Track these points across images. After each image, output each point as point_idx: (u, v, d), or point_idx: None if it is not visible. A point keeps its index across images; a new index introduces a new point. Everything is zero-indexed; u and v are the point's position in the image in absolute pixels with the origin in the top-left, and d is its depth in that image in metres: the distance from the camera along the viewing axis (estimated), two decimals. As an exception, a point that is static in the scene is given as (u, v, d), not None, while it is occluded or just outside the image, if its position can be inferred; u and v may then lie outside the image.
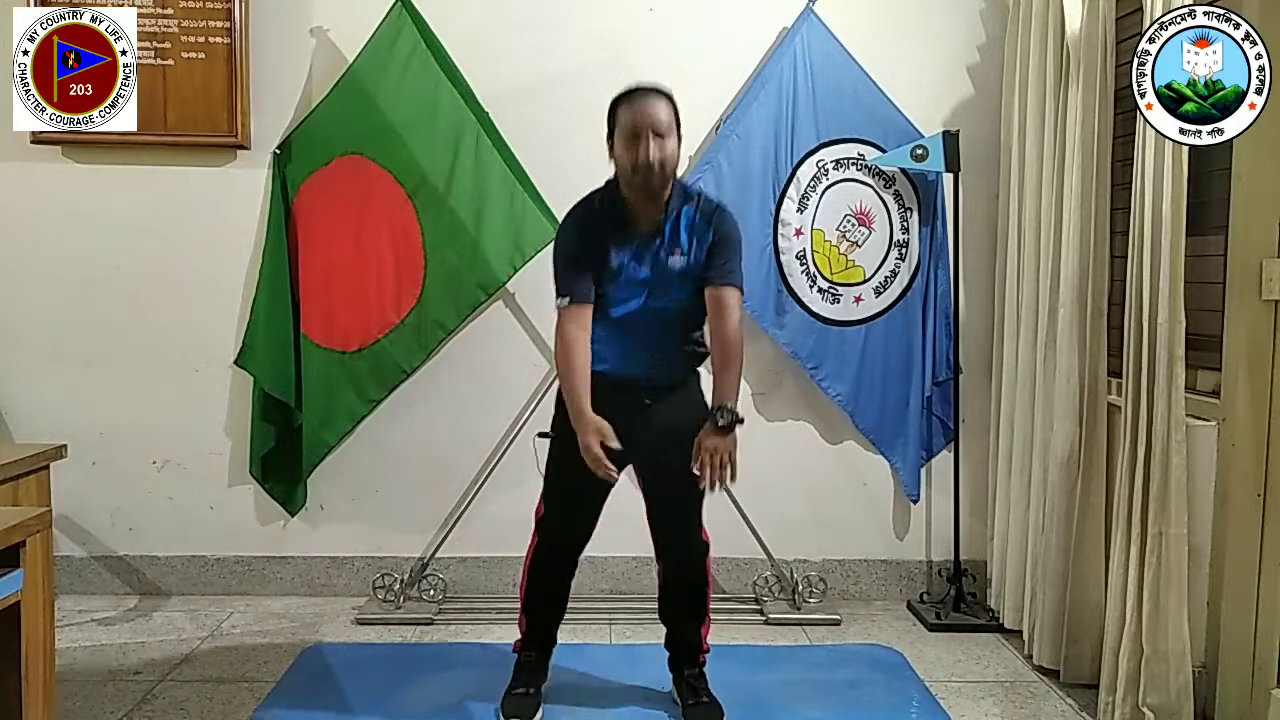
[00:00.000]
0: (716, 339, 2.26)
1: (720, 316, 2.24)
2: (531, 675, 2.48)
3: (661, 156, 2.17)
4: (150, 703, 2.52)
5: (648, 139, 2.16)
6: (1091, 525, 2.62)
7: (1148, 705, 2.28)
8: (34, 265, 3.20)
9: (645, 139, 2.16)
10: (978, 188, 3.23)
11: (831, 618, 3.13)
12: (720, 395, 2.21)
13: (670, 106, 2.23)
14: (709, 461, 2.17)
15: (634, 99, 2.21)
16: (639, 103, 2.20)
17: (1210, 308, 2.41)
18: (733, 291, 2.25)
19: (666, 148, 2.19)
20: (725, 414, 2.17)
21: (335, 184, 3.09)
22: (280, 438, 3.17)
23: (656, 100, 2.20)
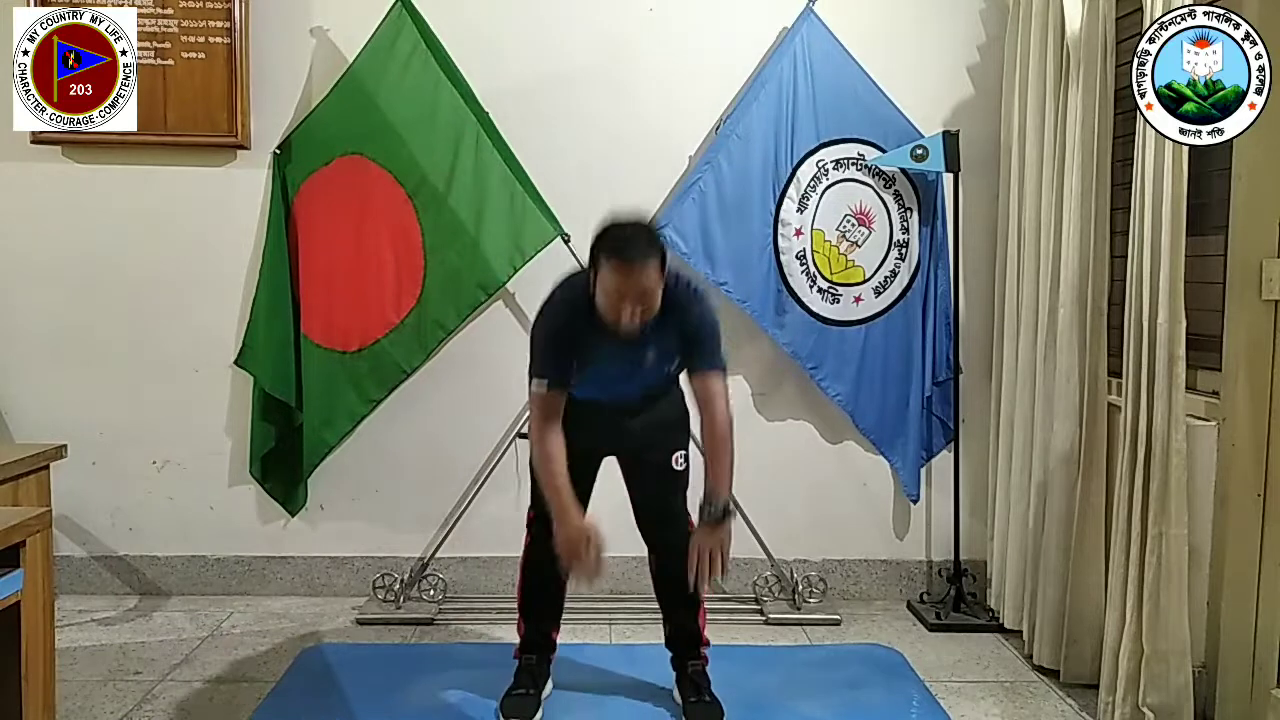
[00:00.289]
0: (706, 427, 2.21)
1: (708, 404, 2.20)
2: (532, 677, 2.48)
3: (643, 316, 2.09)
4: (150, 703, 2.52)
5: (631, 305, 2.06)
6: (1091, 525, 2.61)
7: (1148, 705, 2.28)
8: (34, 265, 3.20)
9: (630, 305, 2.06)
10: (978, 188, 3.22)
11: (831, 618, 3.13)
12: (711, 489, 2.18)
13: (657, 261, 2.06)
14: (700, 560, 2.14)
15: (622, 263, 2.03)
16: (627, 272, 2.03)
17: (1210, 308, 2.41)
18: (717, 376, 2.21)
19: (649, 305, 2.09)
20: (715, 510, 2.14)
21: (335, 184, 3.09)
22: (280, 438, 3.17)
23: (645, 269, 2.04)
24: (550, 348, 2.20)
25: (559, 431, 2.19)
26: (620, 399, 2.35)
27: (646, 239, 2.08)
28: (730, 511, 2.18)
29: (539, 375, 2.20)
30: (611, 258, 2.05)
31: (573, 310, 2.18)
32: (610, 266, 2.05)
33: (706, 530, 2.16)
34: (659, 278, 2.09)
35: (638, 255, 2.04)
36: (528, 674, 2.47)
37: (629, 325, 2.09)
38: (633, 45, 3.19)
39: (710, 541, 2.15)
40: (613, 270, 2.05)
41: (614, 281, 2.05)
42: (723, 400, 2.20)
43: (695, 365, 2.22)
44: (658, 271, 2.08)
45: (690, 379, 2.24)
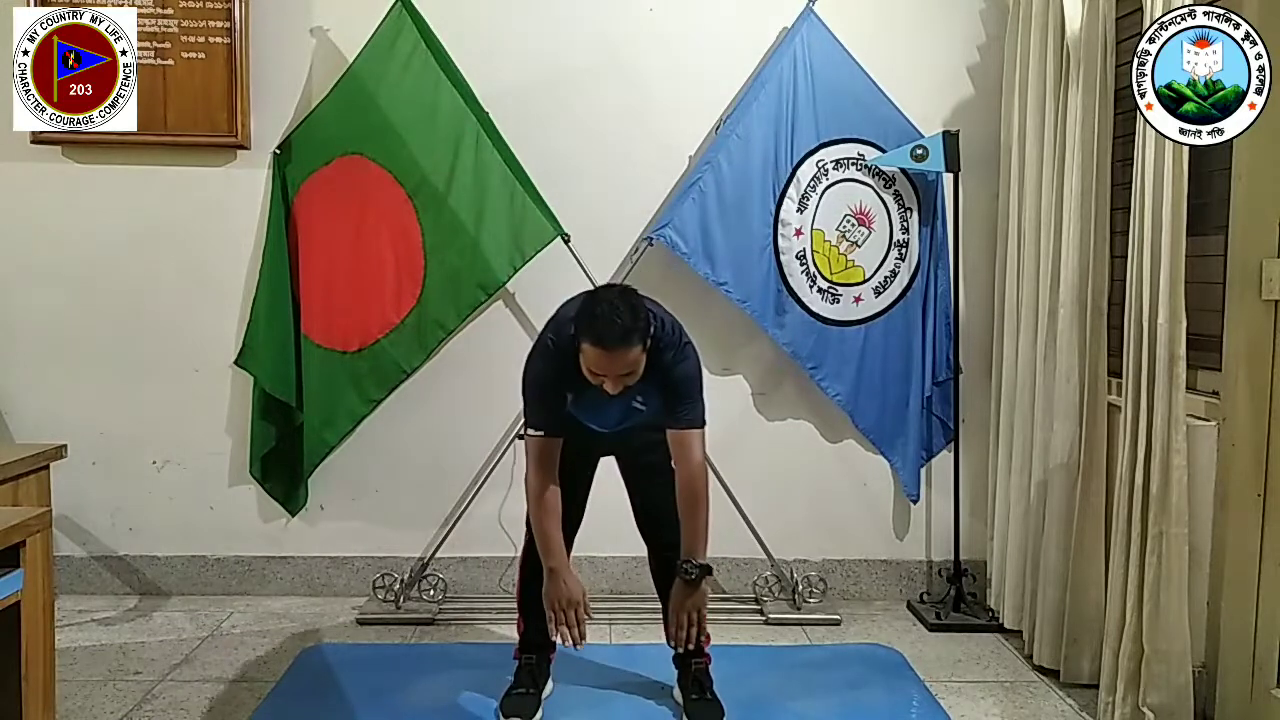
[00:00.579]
0: (680, 480, 2.22)
1: (682, 460, 2.21)
2: (532, 676, 2.48)
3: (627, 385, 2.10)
4: (150, 703, 2.52)
5: (614, 382, 2.07)
6: (1091, 525, 2.61)
7: (1148, 705, 2.28)
8: (34, 265, 3.20)
9: (612, 382, 2.07)
10: (978, 188, 3.22)
11: (831, 618, 3.13)
12: (687, 548, 2.19)
13: (639, 343, 2.04)
14: (679, 622, 2.18)
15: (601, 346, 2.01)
16: (606, 356, 2.02)
17: (1210, 308, 2.41)
18: (693, 434, 2.21)
19: (632, 378, 2.09)
20: (691, 569, 2.16)
21: (335, 184, 3.09)
22: (280, 438, 3.17)
23: (625, 351, 2.02)
24: (542, 398, 2.22)
25: (556, 481, 2.23)
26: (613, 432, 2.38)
27: (629, 319, 2.02)
28: (707, 570, 2.19)
29: (534, 426, 2.22)
30: (592, 342, 2.02)
31: (561, 357, 2.16)
32: (590, 349, 2.03)
33: (683, 590, 2.19)
34: (640, 355, 2.07)
35: (617, 341, 2.01)
36: (528, 673, 2.48)
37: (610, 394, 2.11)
38: (633, 45, 3.19)
39: (689, 604, 2.19)
40: (593, 353, 2.03)
41: (594, 362, 2.05)
42: (698, 455, 2.20)
43: (673, 421, 2.22)
44: (639, 350, 2.05)
45: (667, 432, 2.24)
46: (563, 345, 2.15)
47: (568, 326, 2.14)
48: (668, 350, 2.17)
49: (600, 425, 2.34)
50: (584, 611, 2.18)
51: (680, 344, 2.21)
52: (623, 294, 2.10)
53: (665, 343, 2.17)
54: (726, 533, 3.10)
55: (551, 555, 2.21)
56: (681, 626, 2.20)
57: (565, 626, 2.17)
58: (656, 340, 2.14)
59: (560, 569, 2.19)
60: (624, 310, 2.03)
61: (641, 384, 2.16)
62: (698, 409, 2.22)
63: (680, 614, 2.20)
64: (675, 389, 2.20)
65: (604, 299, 2.07)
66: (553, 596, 2.19)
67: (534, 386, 2.24)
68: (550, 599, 2.19)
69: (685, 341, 2.23)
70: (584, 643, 2.18)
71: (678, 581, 2.21)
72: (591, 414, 2.30)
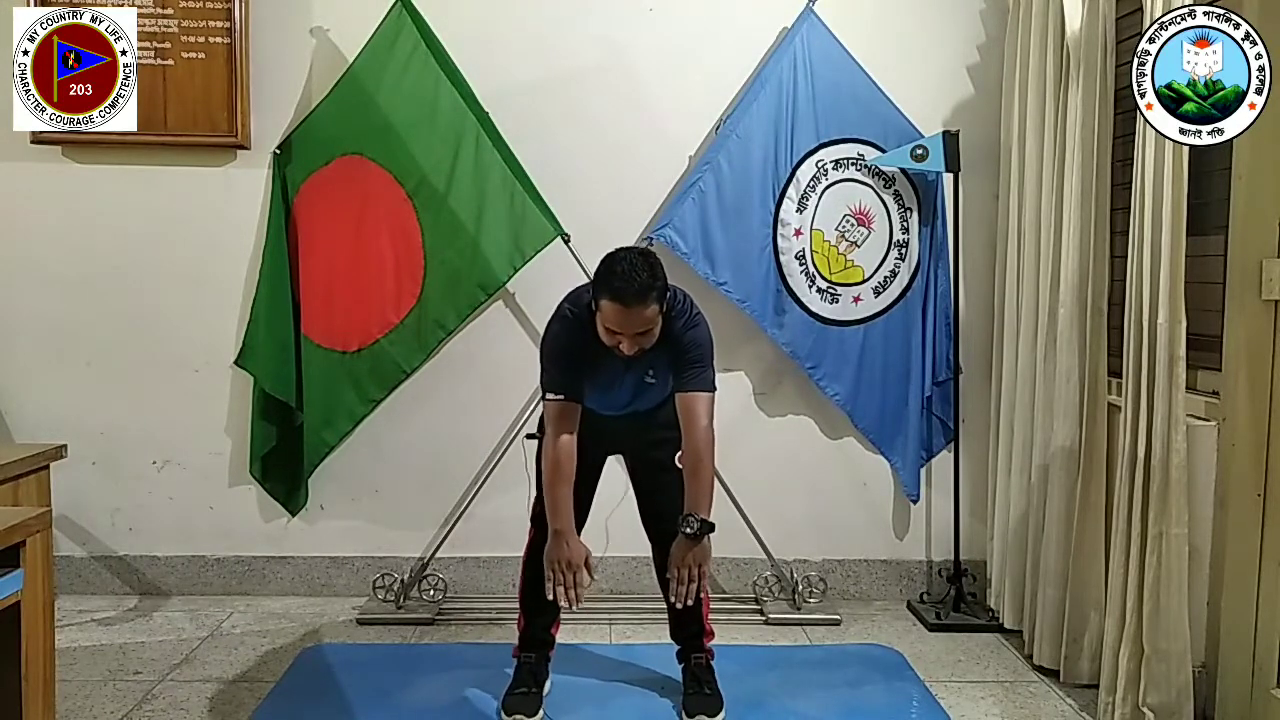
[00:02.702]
0: (686, 444, 2.21)
1: (690, 422, 2.20)
2: (533, 675, 2.48)
3: (640, 347, 2.14)
4: (150, 703, 2.52)
5: (630, 340, 2.12)
6: (1091, 525, 2.61)
7: (1148, 705, 2.28)
8: (34, 265, 3.20)
9: (628, 341, 2.12)
10: (978, 188, 3.22)
11: (831, 618, 3.13)
12: (690, 504, 2.18)
13: (656, 301, 2.10)
14: (679, 577, 2.15)
15: (621, 305, 2.07)
16: (625, 314, 2.07)
17: (1210, 308, 2.41)
18: (701, 396, 2.22)
19: (647, 339, 2.14)
20: (692, 522, 2.14)
21: (335, 184, 3.09)
22: (281, 438, 3.17)
23: (642, 309, 2.08)
24: (561, 363, 2.24)
25: (573, 442, 2.22)
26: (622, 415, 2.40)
27: (647, 276, 2.08)
28: (710, 527, 2.18)
29: (553, 390, 2.23)
30: (610, 297, 2.08)
31: (578, 325, 2.22)
32: (609, 305, 2.09)
33: (684, 544, 2.17)
34: (657, 314, 2.12)
35: (635, 298, 2.06)
36: (528, 671, 2.48)
37: (626, 355, 2.15)
38: (633, 45, 3.19)
39: (690, 558, 2.16)
40: (611, 309, 2.09)
41: (612, 319, 2.10)
42: (705, 420, 2.20)
43: (682, 384, 2.23)
44: (656, 310, 2.11)
45: (676, 396, 2.25)
46: (580, 314, 2.22)
47: (585, 296, 2.21)
48: (679, 318, 2.22)
49: (612, 406, 2.34)
50: (585, 574, 2.14)
51: (692, 312, 2.26)
52: (642, 254, 2.14)
53: (677, 311, 2.22)
54: (726, 533, 3.08)
55: (559, 518, 2.19)
56: (681, 581, 2.15)
57: (562, 587, 2.14)
58: (669, 308, 2.19)
59: (565, 532, 2.18)
60: (643, 268, 2.08)
61: (653, 355, 2.21)
62: (707, 374, 2.24)
63: (680, 568, 2.15)
64: (685, 353, 2.22)
65: (623, 258, 2.11)
66: (553, 556, 2.17)
67: (551, 352, 2.26)
68: (550, 558, 2.17)
69: (697, 311, 2.27)
70: (579, 604, 2.15)
71: (679, 537, 2.17)
72: (604, 392, 2.31)
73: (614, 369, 2.26)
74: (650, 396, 2.35)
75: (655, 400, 2.36)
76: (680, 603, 2.19)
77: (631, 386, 2.32)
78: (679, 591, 2.17)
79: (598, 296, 2.12)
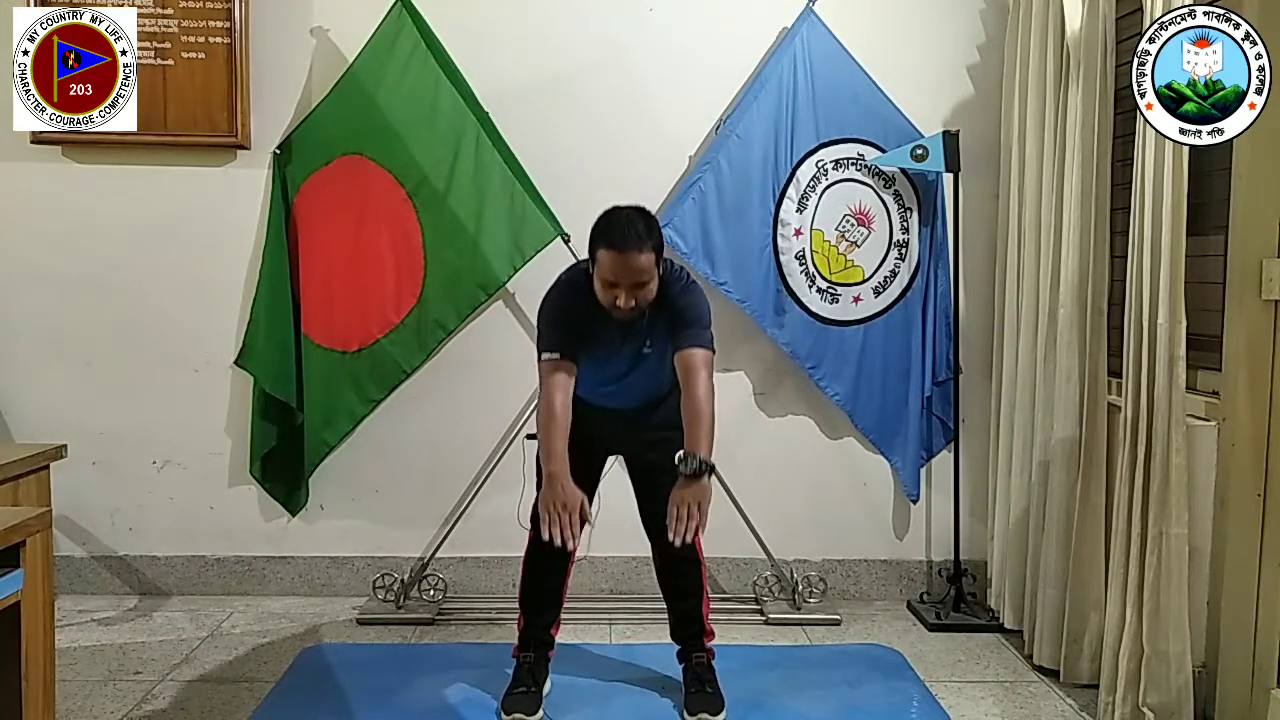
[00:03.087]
0: (686, 399, 2.20)
1: (689, 376, 2.20)
2: (532, 675, 2.48)
3: (638, 303, 2.17)
4: (150, 703, 2.52)
5: (626, 292, 2.15)
6: (1091, 525, 2.61)
7: (1148, 705, 2.28)
8: (34, 265, 3.20)
9: (623, 291, 2.15)
10: (978, 188, 3.22)
11: (831, 618, 3.13)
12: (689, 446, 2.16)
13: (653, 252, 2.14)
14: (676, 515, 2.10)
15: (616, 251, 2.11)
16: (621, 260, 2.11)
17: (1210, 308, 2.41)
18: (700, 353, 2.21)
19: (644, 294, 2.17)
20: (690, 461, 2.11)
21: (335, 184, 3.09)
22: (281, 438, 3.17)
23: (638, 255, 2.11)
24: (557, 324, 2.26)
25: (569, 394, 2.21)
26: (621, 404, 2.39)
27: (643, 227, 2.14)
28: (709, 467, 2.13)
29: (548, 349, 2.24)
30: (606, 246, 2.13)
31: (576, 292, 2.26)
32: (605, 253, 2.13)
33: (684, 483, 2.12)
34: (654, 265, 2.16)
35: (631, 244, 2.11)
36: (528, 671, 2.48)
37: (624, 314, 2.17)
38: (633, 45, 3.19)
39: (688, 495, 2.10)
40: (607, 257, 2.13)
41: (609, 268, 2.13)
42: (704, 374, 2.20)
43: (680, 343, 2.24)
44: (652, 259, 2.15)
45: (674, 357, 2.24)
46: (577, 281, 2.26)
47: (583, 266, 2.26)
48: (675, 284, 2.26)
49: (609, 380, 2.34)
50: (580, 516, 2.09)
51: (687, 280, 2.31)
52: (638, 209, 2.19)
53: (673, 278, 2.27)
54: (726, 533, 3.10)
55: (553, 460, 2.15)
56: (680, 520, 2.08)
57: (557, 527, 2.09)
58: (665, 276, 2.23)
59: (560, 475, 2.13)
60: (639, 220, 2.15)
61: (649, 326, 2.25)
62: (705, 335, 2.25)
63: (678, 506, 2.09)
64: (682, 315, 2.24)
65: (620, 210, 2.18)
66: (547, 499, 2.12)
67: (548, 315, 2.29)
68: (545, 501, 2.13)
69: (692, 280, 2.32)
70: (575, 545, 2.10)
71: (679, 478, 2.13)
72: (601, 365, 2.31)
73: (611, 339, 2.27)
74: (648, 370, 2.34)
75: (652, 375, 2.34)
76: (679, 540, 2.09)
77: (629, 358, 2.32)
78: (677, 529, 2.09)
79: (595, 249, 2.17)
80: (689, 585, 2.50)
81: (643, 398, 2.41)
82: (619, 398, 2.41)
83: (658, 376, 2.36)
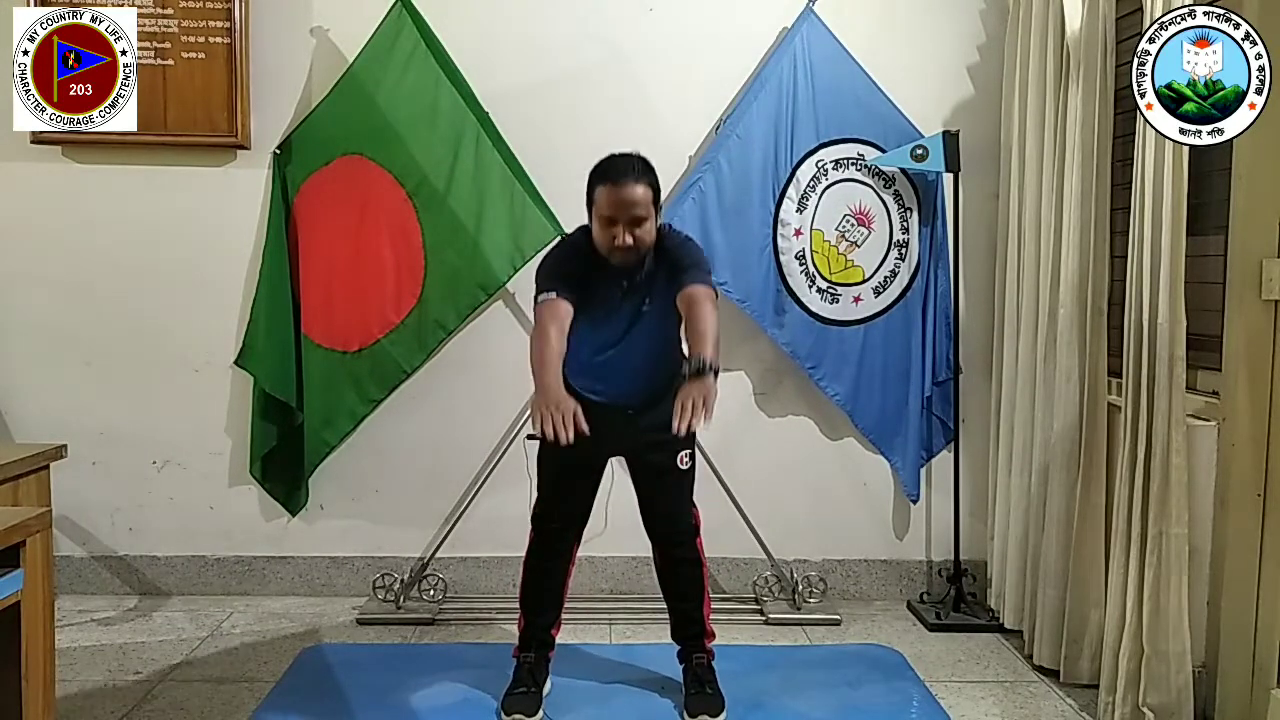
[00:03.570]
0: (690, 320, 2.18)
1: (693, 307, 2.18)
2: (532, 675, 2.48)
3: (636, 241, 2.20)
4: (150, 703, 2.52)
5: (623, 227, 2.19)
6: (1091, 525, 2.61)
7: (1148, 705, 2.28)
8: (34, 265, 3.20)
9: (621, 227, 2.19)
10: (978, 188, 3.22)
11: (831, 618, 3.13)
12: (692, 350, 2.13)
13: (649, 187, 2.23)
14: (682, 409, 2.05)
15: (611, 183, 2.20)
16: (617, 192, 2.19)
17: (1210, 308, 2.41)
18: (702, 288, 2.21)
19: (642, 231, 2.21)
20: (698, 361, 2.09)
21: (335, 184, 3.09)
22: (281, 438, 3.17)
23: (634, 186, 2.20)
24: (555, 274, 2.28)
25: (564, 328, 2.20)
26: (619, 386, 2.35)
27: (639, 165, 2.24)
28: (714, 368, 2.10)
29: (545, 290, 2.24)
30: (603, 181, 2.22)
31: (577, 250, 2.32)
32: (602, 189, 2.21)
33: (691, 382, 2.08)
34: (650, 203, 2.23)
35: (628, 176, 2.20)
36: (527, 671, 2.48)
37: (623, 254, 2.21)
38: (633, 45, 3.19)
39: (693, 391, 2.06)
40: (604, 193, 2.21)
41: (606, 203, 2.20)
42: (709, 305, 2.19)
43: (683, 282, 2.23)
44: (649, 195, 2.22)
45: (678, 297, 2.23)
46: (577, 240, 2.34)
47: (584, 227, 2.33)
48: (673, 238, 2.34)
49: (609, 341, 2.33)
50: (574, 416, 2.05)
51: (685, 236, 2.40)
52: (637, 155, 2.29)
53: (670, 233, 2.36)
54: (726, 533, 3.10)
55: (546, 372, 2.12)
56: (686, 410, 2.04)
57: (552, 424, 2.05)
58: (662, 231, 2.32)
59: (553, 382, 2.12)
60: (635, 159, 2.27)
61: (647, 280, 2.29)
62: (707, 277, 2.27)
63: (684, 400, 2.05)
64: (680, 260, 2.27)
65: (616, 154, 2.29)
66: (541, 401, 2.09)
67: (547, 268, 2.31)
68: (538, 404, 2.09)
69: (690, 237, 2.42)
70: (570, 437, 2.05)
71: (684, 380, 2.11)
72: (600, 325, 2.31)
73: (610, 295, 2.29)
74: (647, 331, 2.33)
75: (652, 339, 2.33)
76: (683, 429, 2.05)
77: (628, 316, 2.32)
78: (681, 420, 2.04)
79: (592, 190, 2.24)
80: (690, 586, 2.50)
81: (642, 375, 2.35)
82: (616, 374, 2.35)
83: (657, 342, 2.35)
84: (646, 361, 2.38)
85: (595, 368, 2.36)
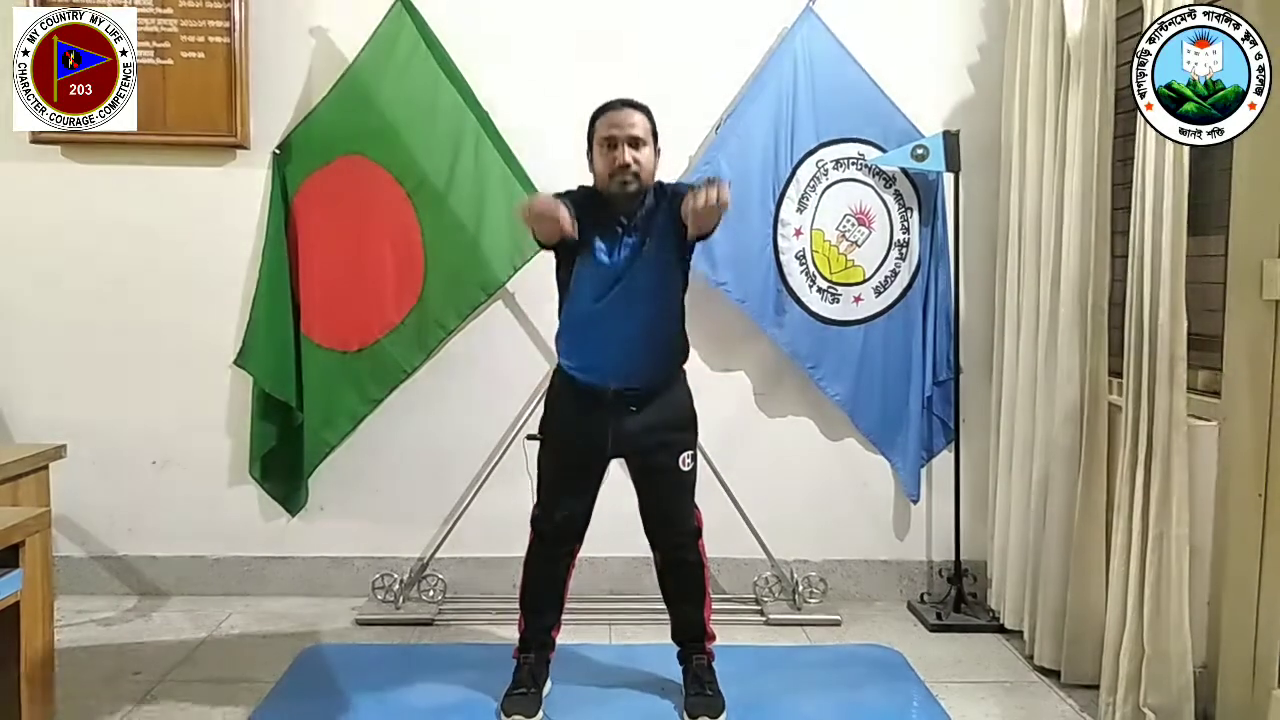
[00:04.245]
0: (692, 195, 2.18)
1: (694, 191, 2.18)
2: (532, 676, 2.48)
3: (636, 163, 2.26)
4: (150, 703, 2.52)
5: (623, 146, 2.28)
6: (1091, 525, 2.61)
7: (1148, 705, 2.28)
8: (34, 265, 3.20)
9: (621, 146, 2.28)
10: (978, 188, 3.22)
11: (831, 618, 3.13)
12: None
13: (647, 119, 2.34)
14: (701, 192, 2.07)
15: (610, 109, 2.34)
16: (615, 113, 2.32)
17: (1210, 308, 2.41)
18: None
19: (641, 156, 2.30)
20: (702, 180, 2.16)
21: (335, 184, 3.09)
22: (281, 438, 3.17)
23: (632, 112, 2.32)
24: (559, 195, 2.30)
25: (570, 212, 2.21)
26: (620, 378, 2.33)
27: (636, 101, 2.36)
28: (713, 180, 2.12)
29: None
30: (601, 112, 2.35)
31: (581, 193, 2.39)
32: (601, 118, 2.34)
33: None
34: (648, 129, 2.33)
35: (625, 103, 2.34)
36: (528, 672, 2.48)
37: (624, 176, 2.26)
38: (632, 45, 3.19)
39: (706, 184, 2.10)
40: (603, 119, 2.33)
41: (605, 125, 2.31)
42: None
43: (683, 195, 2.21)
44: (647, 124, 2.33)
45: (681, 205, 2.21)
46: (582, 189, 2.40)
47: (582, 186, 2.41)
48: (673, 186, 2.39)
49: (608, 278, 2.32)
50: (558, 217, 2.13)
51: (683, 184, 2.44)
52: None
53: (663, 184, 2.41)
54: (726, 533, 3.10)
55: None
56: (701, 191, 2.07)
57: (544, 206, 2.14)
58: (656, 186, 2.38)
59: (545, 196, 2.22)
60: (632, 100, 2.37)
61: (646, 220, 2.33)
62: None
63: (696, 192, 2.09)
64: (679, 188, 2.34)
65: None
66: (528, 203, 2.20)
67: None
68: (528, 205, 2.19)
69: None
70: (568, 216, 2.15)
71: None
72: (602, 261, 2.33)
73: (612, 230, 2.32)
74: (645, 275, 2.31)
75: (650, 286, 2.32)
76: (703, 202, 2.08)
77: (629, 251, 2.31)
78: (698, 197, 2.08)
79: (592, 129, 2.36)
80: (691, 588, 2.50)
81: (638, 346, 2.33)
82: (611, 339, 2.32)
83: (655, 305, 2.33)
84: (643, 330, 2.34)
85: (592, 321, 2.33)
